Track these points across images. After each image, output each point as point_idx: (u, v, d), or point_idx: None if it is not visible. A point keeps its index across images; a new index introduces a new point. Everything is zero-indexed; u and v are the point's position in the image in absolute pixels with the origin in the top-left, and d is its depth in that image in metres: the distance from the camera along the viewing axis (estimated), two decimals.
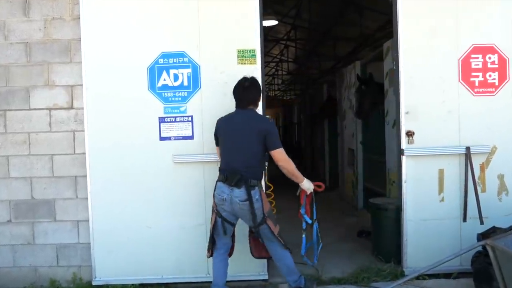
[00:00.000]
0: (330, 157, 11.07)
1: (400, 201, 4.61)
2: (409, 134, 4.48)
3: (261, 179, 3.77)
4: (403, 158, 4.51)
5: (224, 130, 3.81)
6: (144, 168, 4.49)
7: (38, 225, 4.70)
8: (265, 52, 17.63)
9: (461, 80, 4.54)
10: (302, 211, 4.24)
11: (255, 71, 4.37)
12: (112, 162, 4.51)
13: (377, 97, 7.03)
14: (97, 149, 4.52)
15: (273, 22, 8.85)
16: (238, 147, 3.67)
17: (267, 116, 4.57)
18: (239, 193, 3.60)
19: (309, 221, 4.19)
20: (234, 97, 3.88)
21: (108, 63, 4.52)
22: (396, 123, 4.72)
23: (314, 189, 4.19)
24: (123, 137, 4.51)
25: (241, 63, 4.40)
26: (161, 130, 4.48)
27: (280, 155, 3.72)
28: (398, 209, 4.73)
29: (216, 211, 3.78)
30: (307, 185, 4.12)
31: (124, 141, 4.51)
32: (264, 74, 4.51)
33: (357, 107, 7.36)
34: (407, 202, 4.53)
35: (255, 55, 4.42)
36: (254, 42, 4.42)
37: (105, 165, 4.52)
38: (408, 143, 4.49)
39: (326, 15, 12.11)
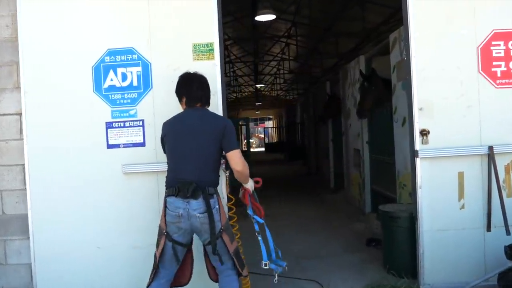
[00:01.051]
0: (335, 157, 10.57)
1: (415, 209, 4.08)
2: (424, 133, 3.96)
3: (217, 186, 3.27)
4: (417, 161, 3.98)
5: (174, 134, 3.26)
6: (91, 181, 3.96)
7: None
8: (265, 51, 17.46)
9: (481, 71, 4.02)
10: (250, 212, 3.63)
11: (213, 67, 3.88)
12: (55, 175, 3.97)
13: (382, 94, 6.53)
14: (38, 160, 3.98)
15: (271, 17, 8.30)
16: (192, 151, 3.18)
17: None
18: (197, 204, 3.08)
19: (261, 221, 3.63)
20: (179, 96, 3.37)
21: (49, 63, 3.98)
22: (408, 121, 4.20)
23: (254, 186, 3.62)
24: (67, 147, 3.97)
25: (198, 59, 3.90)
26: (109, 137, 3.97)
27: (238, 158, 3.22)
28: (412, 218, 4.21)
29: (165, 234, 3.18)
30: (250, 184, 3.55)
31: (68, 151, 3.97)
32: (224, 71, 4.00)
33: (359, 105, 6.83)
34: (422, 210, 4.00)
35: (213, 50, 3.90)
36: (212, 35, 3.91)
37: (47, 178, 3.98)
38: (423, 143, 3.96)
39: (327, 10, 11.59)
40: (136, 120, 3.95)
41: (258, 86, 21.49)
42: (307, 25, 13.49)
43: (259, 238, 3.57)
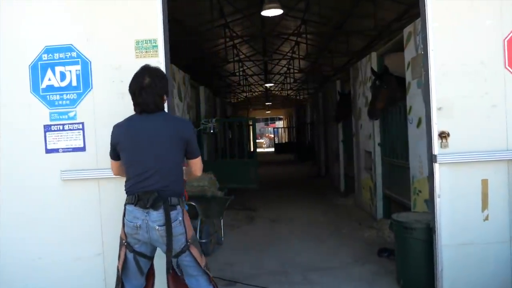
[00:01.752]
0: (345, 159, 10.14)
1: (433, 220, 3.65)
2: (443, 135, 3.53)
3: (182, 196, 3.00)
4: (436, 167, 3.56)
5: (130, 140, 2.93)
6: (29, 188, 3.64)
7: None
8: (274, 50, 17.08)
9: (507, 66, 3.58)
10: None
11: (157, 65, 3.46)
12: None
13: (395, 93, 6.11)
14: None
15: (278, 12, 7.91)
16: (153, 158, 2.87)
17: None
18: (157, 216, 2.81)
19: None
20: (132, 99, 2.98)
21: None
22: (425, 122, 3.78)
23: None
24: (2, 152, 3.62)
25: (141, 57, 3.58)
26: (47, 140, 3.64)
27: (200, 164, 3.09)
28: (429, 229, 3.78)
29: (126, 244, 2.91)
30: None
31: (4, 157, 3.63)
32: (169, 70, 3.64)
33: (370, 105, 6.41)
34: (441, 222, 3.58)
35: (157, 46, 3.58)
36: (156, 30, 3.59)
37: None
38: (442, 147, 3.54)
39: (337, 7, 11.16)
40: (75, 123, 3.64)
41: (267, 85, 21.06)
42: (317, 23, 13.06)
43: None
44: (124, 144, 2.93)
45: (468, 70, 3.58)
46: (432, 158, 3.59)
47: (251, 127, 11.25)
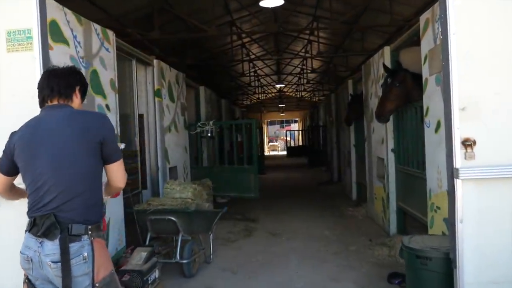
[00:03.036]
0: (358, 165, 9.33)
1: (453, 251, 2.87)
2: (467, 143, 2.76)
3: (98, 219, 2.31)
4: (458, 183, 2.79)
5: (25, 146, 2.27)
6: None
7: None
8: (284, 48, 16.30)
9: None
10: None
11: (32, 61, 3.02)
12: None
13: (411, 92, 5.34)
14: None
15: (278, 2, 7.16)
16: (54, 167, 2.21)
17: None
18: (52, 248, 2.16)
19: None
20: (38, 92, 2.40)
21: None
22: (445, 126, 3.00)
23: None
24: None
25: (12, 50, 3.06)
26: None
27: (120, 173, 2.38)
28: (449, 260, 3.00)
29: (27, 281, 2.26)
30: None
31: None
32: (49, 64, 3.01)
33: (379, 106, 5.64)
34: (464, 253, 2.80)
35: (31, 38, 3.06)
36: (31, 19, 3.06)
37: None
38: (466, 158, 2.76)
39: (351, 1, 10.35)
40: None
41: (278, 86, 20.32)
42: (329, 19, 12.26)
43: None
44: (19, 151, 2.27)
45: (500, 59, 2.80)
46: (453, 173, 2.81)
47: (257, 129, 10.54)
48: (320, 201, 9.86)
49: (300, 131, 32.70)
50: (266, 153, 33.02)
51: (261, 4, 7.37)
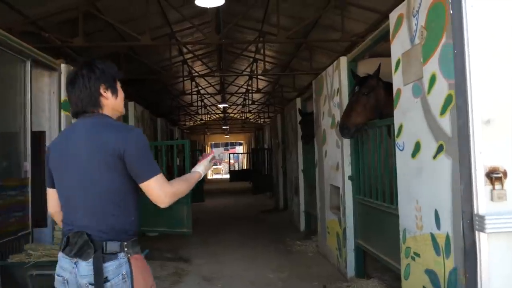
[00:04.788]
0: (307, 193, 8.36)
1: None
2: (496, 176, 1.79)
3: (132, 237, 2.08)
4: (482, 238, 1.83)
5: (57, 160, 2.14)
6: None
7: None
8: (226, 67, 15.29)
9: None
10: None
11: None
12: None
13: (382, 105, 4.47)
14: None
15: (218, 1, 6.12)
16: (79, 188, 2.04)
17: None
18: (87, 268, 1.97)
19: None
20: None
21: None
22: (458, 149, 2.00)
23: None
24: None
25: None
26: None
27: (158, 190, 2.02)
28: None
29: None
30: (206, 167, 2.44)
31: None
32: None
33: (343, 117, 4.72)
34: None
35: None
36: None
37: None
38: (494, 199, 1.82)
39: (300, 16, 9.53)
40: None
41: (222, 106, 19.26)
42: (276, 36, 11.42)
43: None
44: (53, 164, 2.18)
45: None
46: (472, 222, 1.82)
47: (197, 151, 9.35)
48: (264, 233, 8.75)
49: (245, 154, 31.70)
50: (209, 176, 31.71)
51: (197, 3, 6.28)
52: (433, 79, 2.98)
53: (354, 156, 5.18)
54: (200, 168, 2.40)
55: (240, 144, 39.86)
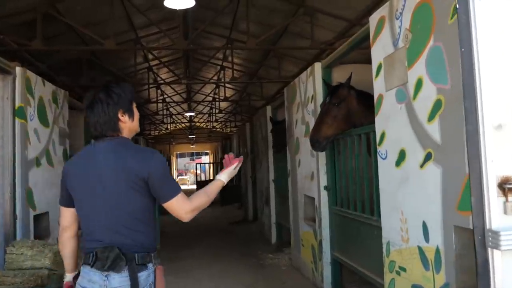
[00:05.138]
0: (278, 203, 8.15)
1: None
2: (508, 186, 1.60)
3: (154, 249, 2.21)
4: (495, 256, 1.62)
5: (77, 179, 2.22)
6: None
7: None
8: (193, 75, 14.99)
9: None
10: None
11: None
12: None
13: (355, 115, 4.34)
14: None
15: (189, 3, 5.87)
16: (106, 208, 2.16)
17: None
18: (120, 280, 2.08)
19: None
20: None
21: None
22: (468, 157, 1.82)
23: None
24: None
25: None
26: None
27: (180, 208, 2.18)
28: None
29: None
30: (230, 175, 2.51)
31: None
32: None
33: (314, 130, 4.56)
34: None
35: None
36: None
37: None
38: (508, 212, 1.60)
39: (270, 23, 9.37)
40: None
41: (188, 114, 18.90)
42: (245, 44, 11.22)
43: None
44: (72, 183, 2.24)
45: None
46: (484, 238, 1.63)
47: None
48: (234, 245, 8.47)
49: (212, 164, 31.33)
50: None
51: (166, 4, 6.00)
52: (419, 84, 2.83)
53: (330, 165, 5.01)
54: (223, 177, 2.49)
55: (207, 154, 39.40)
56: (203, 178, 27.19)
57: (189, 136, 27.66)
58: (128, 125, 2.27)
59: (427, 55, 2.72)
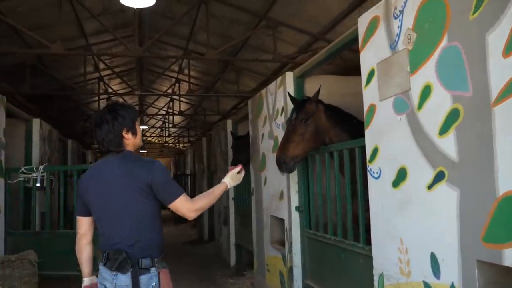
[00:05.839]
0: (238, 224, 7.61)
1: None
2: None
3: (160, 254, 2.55)
4: None
5: (93, 191, 2.55)
6: None
7: None
8: (147, 87, 14.26)
9: None
10: None
11: None
12: None
13: (325, 132, 3.95)
14: None
15: (149, 2, 5.31)
16: (116, 212, 2.50)
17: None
18: (125, 280, 2.43)
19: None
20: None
21: None
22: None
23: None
24: None
25: None
26: None
27: (184, 207, 2.53)
28: None
29: None
30: (233, 179, 2.93)
31: None
32: None
33: (280, 150, 4.11)
34: None
35: None
36: None
37: None
38: None
39: (229, 36, 8.93)
40: None
41: (141, 128, 18.00)
42: (202, 55, 10.67)
43: None
44: (88, 195, 2.58)
45: None
46: None
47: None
48: (191, 269, 7.82)
49: None
50: None
51: (123, 2, 5.41)
52: (426, 91, 2.43)
53: (303, 184, 4.56)
54: (226, 179, 2.86)
55: None
56: None
57: (140, 151, 26.66)
58: (132, 141, 2.59)
59: (439, 57, 2.33)
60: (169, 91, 14.44)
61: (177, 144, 24.99)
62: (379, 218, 2.94)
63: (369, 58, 3.06)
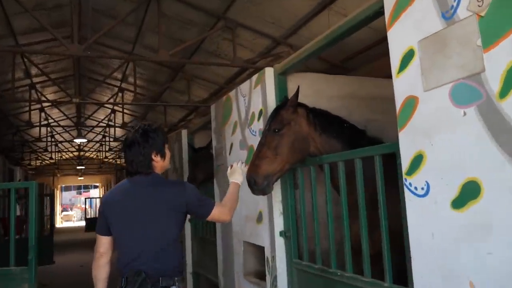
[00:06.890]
0: (197, 250, 6.63)
1: None
2: None
3: (180, 273, 2.62)
4: None
5: (116, 211, 2.61)
6: None
7: None
8: (86, 94, 12.97)
9: None
10: None
11: None
12: None
13: (307, 142, 3.21)
14: None
15: None
16: (141, 234, 2.54)
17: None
18: None
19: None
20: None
21: None
22: None
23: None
24: None
25: None
26: None
27: (221, 213, 2.77)
28: None
29: None
30: (240, 173, 3.21)
31: None
32: None
33: (250, 170, 3.32)
34: None
35: None
36: None
37: None
38: None
39: (181, 38, 8.02)
40: None
41: (79, 141, 16.54)
42: (148, 62, 9.63)
43: None
44: (110, 216, 2.63)
45: None
46: None
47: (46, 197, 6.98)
48: None
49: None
50: (59, 224, 27.69)
51: None
52: None
53: (289, 202, 3.71)
54: (234, 178, 3.15)
55: (96, 187, 36.03)
56: (92, 215, 24.20)
57: (77, 167, 24.74)
58: (160, 164, 2.72)
59: None
60: (111, 101, 13.24)
61: (117, 159, 23.45)
62: (425, 251, 2.15)
63: (403, 35, 2.29)
